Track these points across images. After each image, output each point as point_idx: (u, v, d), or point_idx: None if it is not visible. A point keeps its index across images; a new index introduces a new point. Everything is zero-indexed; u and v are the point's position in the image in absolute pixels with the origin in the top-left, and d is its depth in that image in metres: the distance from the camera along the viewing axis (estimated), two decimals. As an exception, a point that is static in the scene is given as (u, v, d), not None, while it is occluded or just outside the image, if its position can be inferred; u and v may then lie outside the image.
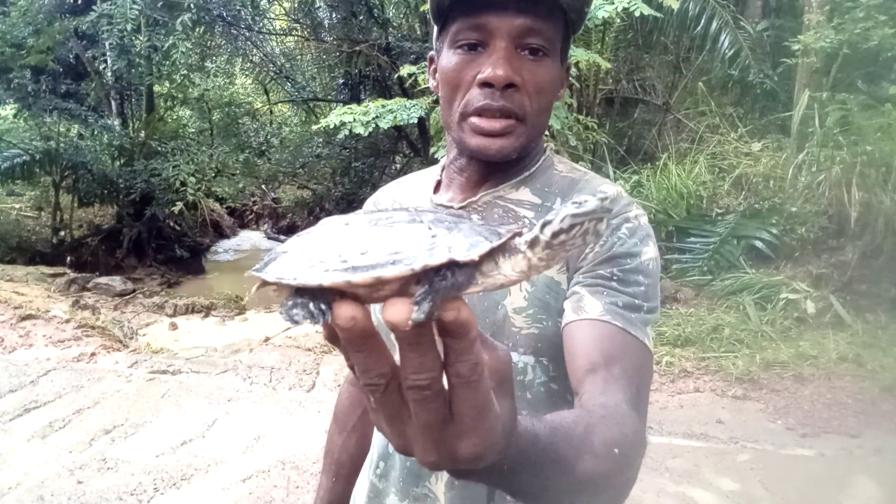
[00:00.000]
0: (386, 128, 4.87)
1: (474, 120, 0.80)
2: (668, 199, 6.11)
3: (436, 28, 0.86)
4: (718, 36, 6.81)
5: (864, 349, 4.35)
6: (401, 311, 0.36)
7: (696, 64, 7.64)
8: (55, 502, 2.82)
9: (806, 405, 3.83)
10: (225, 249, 12.91)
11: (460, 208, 0.85)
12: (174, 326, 6.59)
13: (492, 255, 0.39)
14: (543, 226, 0.40)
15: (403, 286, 0.37)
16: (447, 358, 0.38)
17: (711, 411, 3.79)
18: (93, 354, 4.77)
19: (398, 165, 12.95)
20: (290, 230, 14.47)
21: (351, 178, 12.39)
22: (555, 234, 0.39)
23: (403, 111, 4.75)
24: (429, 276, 0.36)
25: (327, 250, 0.39)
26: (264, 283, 0.41)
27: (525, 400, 0.80)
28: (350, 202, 12.82)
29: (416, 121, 5.23)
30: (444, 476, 0.82)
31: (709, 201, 6.21)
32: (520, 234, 0.41)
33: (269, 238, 14.31)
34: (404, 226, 0.40)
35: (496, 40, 0.78)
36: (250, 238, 14.35)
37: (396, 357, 0.39)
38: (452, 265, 0.37)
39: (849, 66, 5.87)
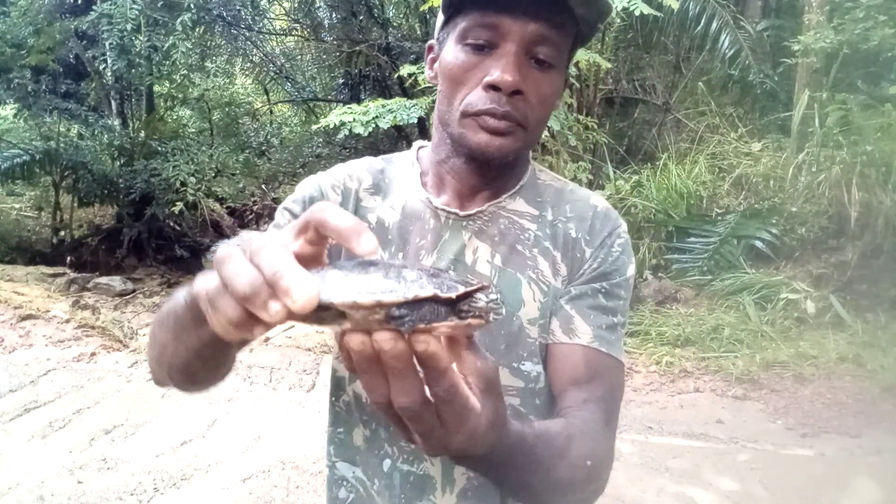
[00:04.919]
0: (386, 128, 4.87)
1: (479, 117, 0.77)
2: (668, 199, 6.11)
3: (441, 17, 0.82)
4: (718, 36, 6.80)
5: (864, 349, 4.35)
6: (385, 335, 0.44)
7: (696, 64, 7.63)
8: (55, 502, 2.82)
9: (806, 405, 3.83)
10: (225, 249, 12.89)
11: (466, 216, 0.84)
12: (174, 326, 6.59)
13: (460, 301, 0.47)
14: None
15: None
16: (427, 382, 0.46)
17: (711, 411, 3.79)
18: (93, 354, 4.77)
19: (398, 165, 12.94)
20: (290, 230, 14.48)
21: (351, 178, 12.36)
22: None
23: (403, 111, 4.75)
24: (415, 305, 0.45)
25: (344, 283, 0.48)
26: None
27: (533, 405, 0.82)
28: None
29: (415, 121, 5.22)
30: (455, 489, 0.82)
31: (709, 201, 6.21)
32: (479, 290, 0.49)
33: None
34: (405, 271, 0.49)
35: (507, 43, 0.75)
36: (250, 238, 14.33)
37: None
38: (435, 300, 0.45)
39: (849, 66, 5.87)
